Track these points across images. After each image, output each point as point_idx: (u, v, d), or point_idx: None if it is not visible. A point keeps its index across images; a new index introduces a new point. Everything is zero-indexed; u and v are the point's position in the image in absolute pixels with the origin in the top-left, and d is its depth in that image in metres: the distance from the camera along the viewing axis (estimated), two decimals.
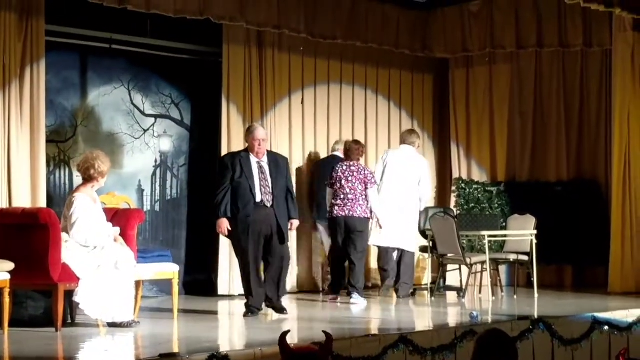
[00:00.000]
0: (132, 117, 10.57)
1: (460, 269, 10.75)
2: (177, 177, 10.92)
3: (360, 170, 10.09)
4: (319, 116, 11.73)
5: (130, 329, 7.64)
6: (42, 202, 9.16)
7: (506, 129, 12.43)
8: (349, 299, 9.88)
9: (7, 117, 9.11)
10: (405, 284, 10.56)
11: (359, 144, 10.44)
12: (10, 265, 7.36)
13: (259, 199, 8.52)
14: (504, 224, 11.18)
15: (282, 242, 8.64)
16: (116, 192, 9.04)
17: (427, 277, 11.27)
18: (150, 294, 10.14)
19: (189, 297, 10.39)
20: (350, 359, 6.51)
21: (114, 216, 8.24)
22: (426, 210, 10.93)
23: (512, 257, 10.56)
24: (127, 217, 8.29)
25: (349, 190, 9.98)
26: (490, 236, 10.37)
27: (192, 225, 10.92)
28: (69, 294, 7.73)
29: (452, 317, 9.32)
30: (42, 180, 9.29)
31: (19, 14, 9.19)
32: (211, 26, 10.47)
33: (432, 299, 10.40)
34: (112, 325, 7.70)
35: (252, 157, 8.64)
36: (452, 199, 12.46)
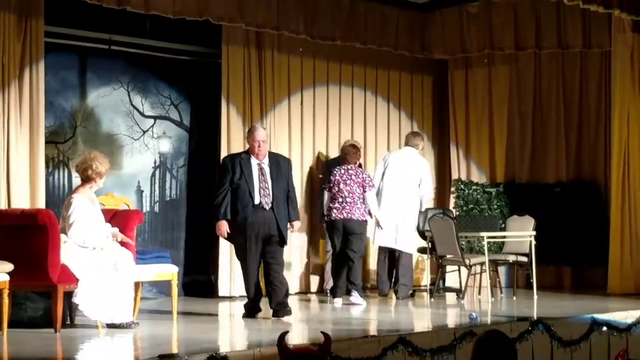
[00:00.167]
0: (132, 118, 10.57)
1: (459, 270, 10.75)
2: (176, 178, 10.91)
3: (358, 173, 10.13)
4: (318, 117, 11.73)
5: (129, 330, 7.63)
6: (41, 203, 9.16)
7: (505, 130, 12.43)
8: (348, 297, 9.95)
9: (6, 118, 9.12)
10: (404, 285, 10.55)
11: (356, 148, 10.48)
12: (9, 266, 7.35)
13: (257, 201, 8.42)
14: (503, 225, 11.18)
15: (282, 245, 8.56)
16: (115, 193, 9.02)
17: (426, 278, 11.27)
18: (149, 295, 10.13)
19: (188, 298, 10.38)
20: None
21: (113, 217, 8.23)
22: (425, 211, 10.92)
23: (511, 258, 10.57)
24: (126, 218, 8.29)
25: (347, 193, 10.01)
26: (489, 237, 10.37)
27: (191, 226, 10.92)
28: (68, 295, 7.73)
29: (451, 318, 9.31)
30: (41, 181, 9.29)
31: (18, 15, 9.20)
32: (210, 27, 10.48)
33: (431, 300, 10.40)
34: (111, 326, 7.69)
35: (253, 159, 8.55)
36: (451, 200, 12.46)
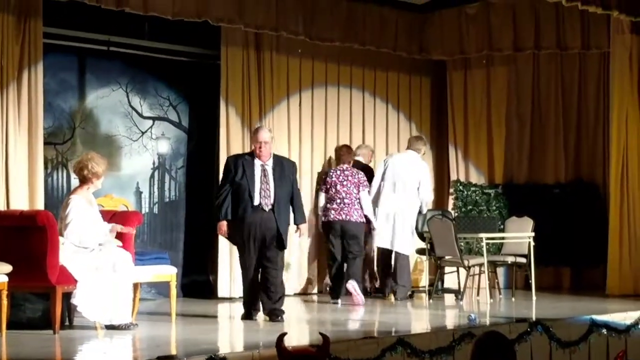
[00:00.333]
0: (130, 119, 10.56)
1: (458, 272, 10.75)
2: (175, 180, 10.91)
3: (354, 173, 10.30)
4: (317, 118, 11.72)
5: (128, 331, 7.63)
6: (39, 204, 9.15)
7: (504, 131, 12.43)
8: (348, 295, 10.07)
9: (5, 119, 9.11)
10: (402, 286, 10.56)
11: (350, 149, 10.75)
12: (8, 267, 7.35)
13: (256, 202, 8.38)
14: (502, 226, 11.18)
15: (281, 248, 8.47)
16: (114, 195, 9.01)
17: (425, 280, 11.26)
18: (148, 296, 10.13)
19: (187, 299, 10.37)
20: None
21: (111, 218, 8.22)
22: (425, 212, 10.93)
23: (510, 259, 10.57)
24: (124, 220, 8.27)
25: (344, 194, 10.15)
26: (488, 238, 10.38)
27: (190, 227, 10.90)
28: (67, 296, 7.73)
29: (450, 320, 9.32)
30: (39, 182, 9.29)
31: (17, 16, 9.19)
32: (209, 28, 10.47)
33: (430, 301, 10.40)
34: (110, 327, 7.69)
35: (257, 160, 8.49)
36: (450, 202, 12.45)
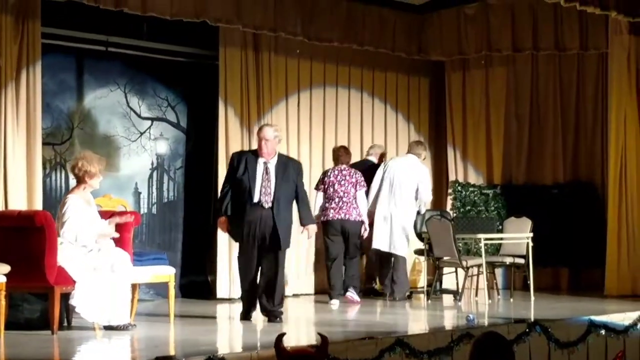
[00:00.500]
0: (129, 119, 10.55)
1: (456, 272, 10.75)
2: (173, 180, 10.91)
3: (351, 173, 10.41)
4: (315, 119, 11.72)
5: (126, 332, 7.62)
6: (38, 205, 9.15)
7: (502, 131, 12.43)
8: (345, 297, 10.17)
9: (4, 120, 9.10)
10: (400, 286, 10.57)
11: (347, 150, 10.82)
12: (6, 267, 7.34)
13: (256, 199, 8.28)
14: (500, 227, 11.18)
15: (278, 248, 8.32)
16: (112, 195, 9.00)
17: (423, 280, 11.27)
18: (146, 297, 10.12)
19: (185, 300, 10.37)
20: None
21: (110, 218, 8.21)
22: (423, 213, 10.93)
23: (509, 259, 10.58)
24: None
25: (342, 193, 10.27)
26: (486, 239, 10.39)
27: (189, 228, 10.90)
28: (65, 296, 7.72)
29: (449, 320, 9.32)
30: (38, 182, 9.28)
31: (15, 17, 9.18)
32: (207, 29, 10.47)
33: (429, 301, 10.40)
34: (109, 328, 7.68)
35: (260, 158, 8.40)
36: (449, 202, 12.46)
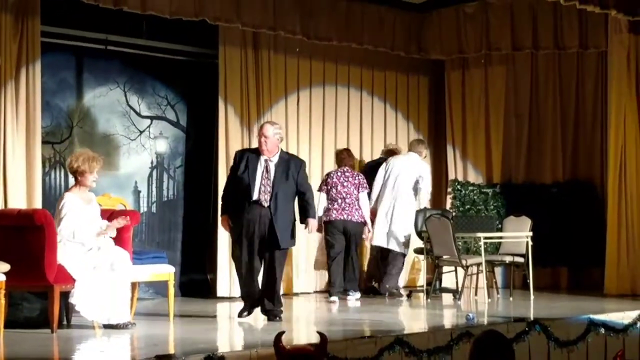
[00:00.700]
0: (128, 118, 10.55)
1: (456, 271, 10.74)
2: (173, 179, 10.90)
3: (354, 175, 10.58)
4: (314, 118, 11.72)
5: (126, 331, 7.63)
6: (37, 203, 9.15)
7: (502, 130, 12.42)
8: (345, 296, 10.33)
9: (3, 118, 9.10)
10: (387, 279, 10.72)
11: (350, 152, 10.95)
12: (5, 266, 7.34)
13: (255, 197, 8.23)
14: (500, 226, 11.18)
15: (276, 247, 8.24)
16: (112, 194, 9.01)
17: (423, 279, 11.27)
18: (146, 295, 10.12)
19: (185, 298, 10.37)
20: None
21: (109, 217, 8.22)
22: (424, 210, 10.93)
23: (508, 258, 10.58)
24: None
25: (345, 194, 10.41)
26: (485, 238, 10.39)
27: (189, 226, 10.90)
28: (65, 295, 7.72)
29: (448, 319, 9.31)
30: (37, 181, 9.28)
31: (15, 15, 9.18)
32: (207, 27, 10.47)
33: (428, 300, 10.40)
34: (108, 326, 7.68)
35: (262, 156, 8.34)
36: (448, 201, 12.46)
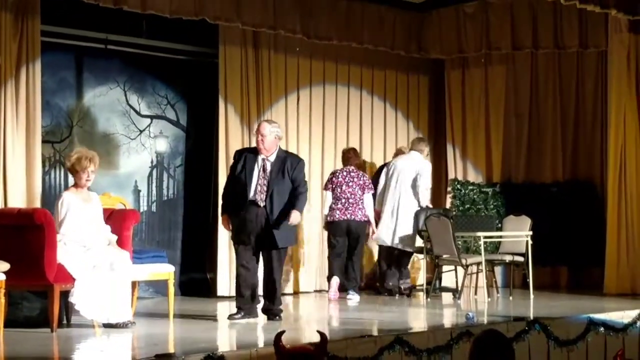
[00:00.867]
0: (128, 117, 10.55)
1: (455, 270, 10.75)
2: (173, 178, 10.91)
3: (359, 176, 10.64)
4: (315, 117, 11.72)
5: (125, 330, 7.63)
6: (37, 203, 9.15)
7: (502, 130, 12.43)
8: (345, 295, 10.37)
9: (3, 118, 9.09)
10: (402, 273, 10.78)
11: (356, 152, 11.03)
12: (5, 265, 7.35)
13: (251, 197, 8.21)
14: (500, 225, 11.19)
15: (274, 246, 8.21)
16: (112, 193, 9.01)
17: (423, 278, 11.27)
18: (146, 294, 10.13)
19: (185, 298, 10.37)
20: None
21: (109, 217, 8.22)
22: (425, 209, 10.93)
23: (508, 258, 10.58)
24: (122, 218, 8.29)
25: (349, 194, 10.49)
26: (485, 237, 10.39)
27: (189, 225, 10.90)
28: (65, 294, 7.72)
29: (448, 318, 9.31)
30: (37, 180, 9.28)
31: (14, 14, 9.18)
32: (207, 27, 10.47)
33: (428, 299, 10.40)
34: (108, 325, 7.69)
35: (259, 155, 8.32)
36: (448, 200, 12.46)
